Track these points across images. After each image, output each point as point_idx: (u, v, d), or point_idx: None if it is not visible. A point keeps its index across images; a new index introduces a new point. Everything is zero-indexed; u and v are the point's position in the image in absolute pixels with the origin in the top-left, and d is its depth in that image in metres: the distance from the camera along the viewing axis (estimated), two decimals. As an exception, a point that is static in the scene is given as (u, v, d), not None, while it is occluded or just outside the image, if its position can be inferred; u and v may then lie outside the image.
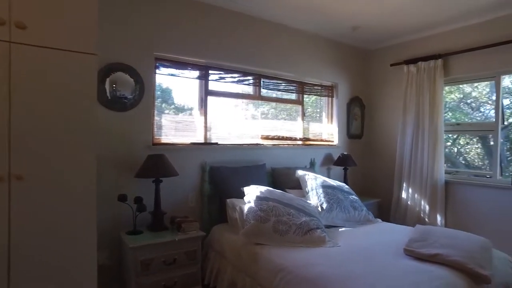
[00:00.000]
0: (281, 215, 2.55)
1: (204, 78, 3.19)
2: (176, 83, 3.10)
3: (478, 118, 3.80)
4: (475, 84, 3.84)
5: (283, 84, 3.79)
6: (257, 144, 3.52)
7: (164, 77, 2.99)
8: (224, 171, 3.11)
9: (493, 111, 3.54)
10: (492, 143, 3.56)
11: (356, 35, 4.01)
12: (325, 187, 3.21)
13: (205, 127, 3.19)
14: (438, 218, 3.67)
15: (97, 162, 1.91)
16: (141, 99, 2.76)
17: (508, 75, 3.45)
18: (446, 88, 3.88)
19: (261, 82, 3.59)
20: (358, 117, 4.47)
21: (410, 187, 3.89)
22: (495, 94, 3.51)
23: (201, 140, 3.16)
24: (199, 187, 3.09)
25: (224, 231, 2.78)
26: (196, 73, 3.16)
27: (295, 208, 2.67)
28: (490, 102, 3.70)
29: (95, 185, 1.93)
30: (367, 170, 4.52)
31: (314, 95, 4.14)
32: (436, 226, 3.63)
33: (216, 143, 3.21)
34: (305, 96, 4.02)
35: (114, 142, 2.64)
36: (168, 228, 2.66)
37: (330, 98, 4.28)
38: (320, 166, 4.05)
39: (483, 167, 3.79)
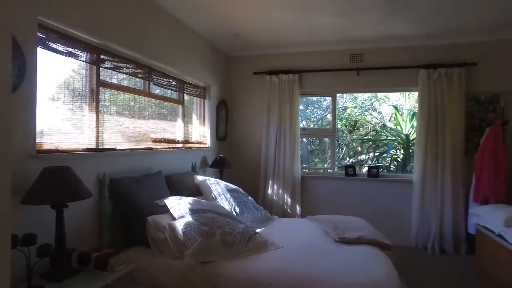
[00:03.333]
0: (223, 226, 2.35)
1: (96, 63, 2.43)
2: (60, 66, 2.20)
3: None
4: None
5: (167, 81, 3.40)
6: (151, 149, 3.00)
7: (46, 56, 2.06)
8: (127, 183, 2.48)
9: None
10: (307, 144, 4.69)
11: (228, 41, 4.12)
12: (231, 191, 3.17)
13: (97, 127, 2.43)
14: (297, 208, 4.36)
15: None
16: (21, 82, 1.81)
17: (340, 94, 4.59)
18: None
19: (151, 77, 3.09)
20: (224, 120, 4.59)
21: (275, 184, 4.40)
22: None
23: (92, 144, 2.40)
24: (96, 206, 2.33)
25: (150, 258, 2.23)
26: (88, 56, 2.36)
27: (227, 216, 2.52)
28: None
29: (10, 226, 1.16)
30: (233, 170, 4.70)
31: (192, 95, 3.93)
32: (296, 215, 4.31)
33: (114, 149, 2.52)
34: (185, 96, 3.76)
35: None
36: (80, 271, 1.88)
37: (202, 99, 4.19)
38: (198, 169, 3.90)
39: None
